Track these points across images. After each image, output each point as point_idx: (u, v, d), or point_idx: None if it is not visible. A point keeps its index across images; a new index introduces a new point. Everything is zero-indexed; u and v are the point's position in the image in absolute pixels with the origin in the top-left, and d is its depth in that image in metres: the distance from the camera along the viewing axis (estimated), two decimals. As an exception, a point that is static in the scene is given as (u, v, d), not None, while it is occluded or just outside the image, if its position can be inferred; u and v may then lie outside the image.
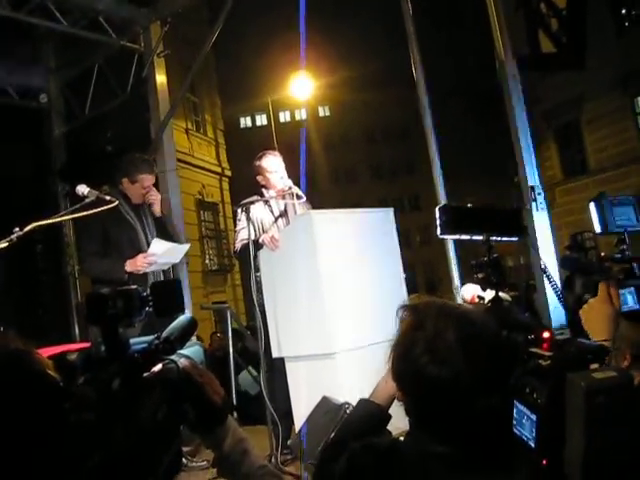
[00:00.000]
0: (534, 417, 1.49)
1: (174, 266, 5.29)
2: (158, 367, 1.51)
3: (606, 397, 1.39)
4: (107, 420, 1.33)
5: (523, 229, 3.68)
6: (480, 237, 3.50)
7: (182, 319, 1.68)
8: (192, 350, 1.71)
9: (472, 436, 1.61)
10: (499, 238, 3.63)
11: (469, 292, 6.35)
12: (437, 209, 3.55)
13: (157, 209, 5.15)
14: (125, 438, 1.31)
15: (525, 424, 1.52)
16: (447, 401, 1.62)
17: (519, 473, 1.54)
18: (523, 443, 1.51)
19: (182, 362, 1.54)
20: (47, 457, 1.28)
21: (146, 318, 1.63)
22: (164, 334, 1.61)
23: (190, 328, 1.67)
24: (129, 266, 4.80)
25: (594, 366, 1.55)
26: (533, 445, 1.48)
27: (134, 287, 1.59)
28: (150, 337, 1.59)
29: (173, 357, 1.55)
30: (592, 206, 2.91)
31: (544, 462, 1.46)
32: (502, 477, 1.56)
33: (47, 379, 1.37)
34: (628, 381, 1.46)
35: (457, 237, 3.61)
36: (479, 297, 3.76)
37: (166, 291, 1.69)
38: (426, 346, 1.64)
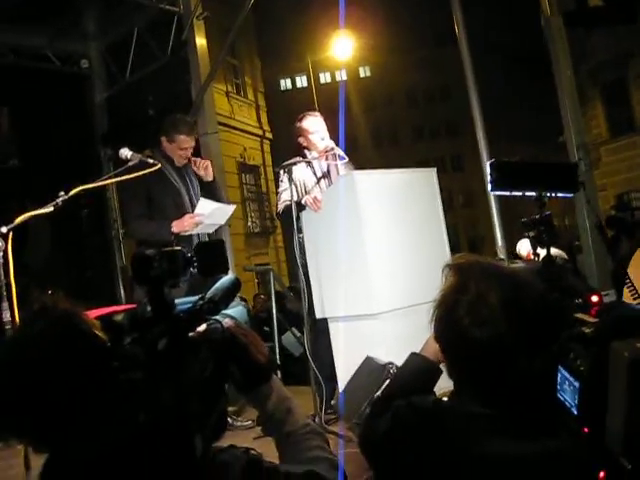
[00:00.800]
0: (577, 384, 1.47)
1: (217, 229, 5.31)
2: (203, 327, 1.52)
3: None
4: (155, 379, 1.35)
5: (578, 184, 3.59)
6: (533, 193, 3.43)
7: (225, 279, 1.69)
8: (236, 310, 1.72)
9: (514, 399, 1.60)
10: (553, 194, 3.55)
11: (525, 248, 6.28)
12: (488, 164, 3.49)
13: (209, 173, 5.16)
14: (173, 396, 1.33)
15: (568, 390, 1.50)
16: (488, 363, 1.61)
17: (561, 439, 1.53)
18: (566, 409, 1.50)
19: (226, 322, 1.54)
20: (97, 414, 1.30)
21: (191, 278, 1.63)
22: (208, 294, 1.61)
23: (234, 288, 1.67)
24: (176, 227, 4.83)
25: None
26: (575, 412, 1.47)
27: (178, 248, 1.59)
28: (195, 297, 1.59)
29: (217, 317, 1.56)
30: None
31: (585, 430, 1.44)
32: (544, 442, 1.55)
33: (95, 339, 1.39)
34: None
35: (509, 193, 3.54)
36: (535, 254, 3.70)
37: (210, 251, 1.68)
38: (468, 308, 1.63)
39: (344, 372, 4.61)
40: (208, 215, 4.90)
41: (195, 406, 1.38)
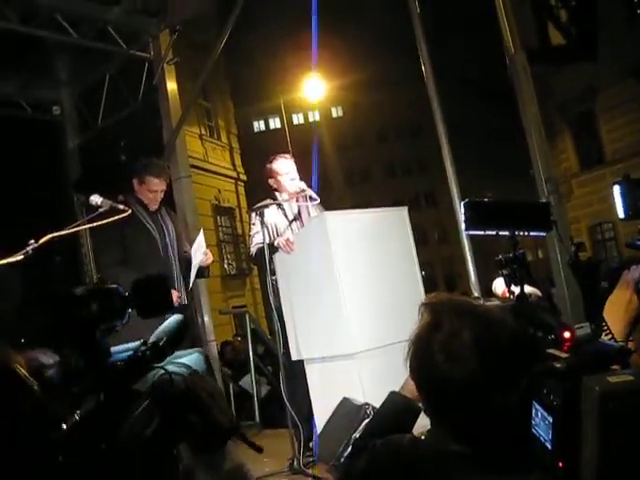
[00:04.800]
0: (550, 419, 1.47)
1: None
2: (148, 377, 1.37)
3: (621, 402, 1.36)
4: (80, 440, 1.19)
5: (551, 223, 3.63)
6: (507, 232, 3.47)
7: (171, 321, 1.52)
8: (192, 358, 1.52)
9: (489, 435, 1.60)
10: (526, 233, 3.59)
11: (500, 287, 6.31)
12: (462, 204, 3.51)
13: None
14: (103, 458, 1.17)
15: (542, 425, 1.50)
16: (462, 400, 1.61)
17: (536, 474, 1.52)
18: (540, 444, 1.50)
19: (180, 372, 1.40)
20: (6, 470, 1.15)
21: (129, 321, 1.45)
22: (152, 339, 1.44)
23: (181, 330, 1.49)
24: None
25: (616, 367, 1.52)
26: (549, 447, 1.47)
27: (113, 285, 1.41)
28: (136, 343, 1.43)
29: (169, 367, 1.40)
30: (616, 189, 2.75)
31: (560, 464, 1.44)
32: (519, 478, 1.55)
33: (15, 375, 1.22)
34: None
35: (483, 233, 3.57)
36: (510, 292, 3.73)
37: (151, 288, 1.47)
38: (442, 345, 1.64)
39: (322, 413, 4.58)
40: (196, 251, 4.93)
41: (132, 467, 1.21)
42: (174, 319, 1.52)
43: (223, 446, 1.45)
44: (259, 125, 47.42)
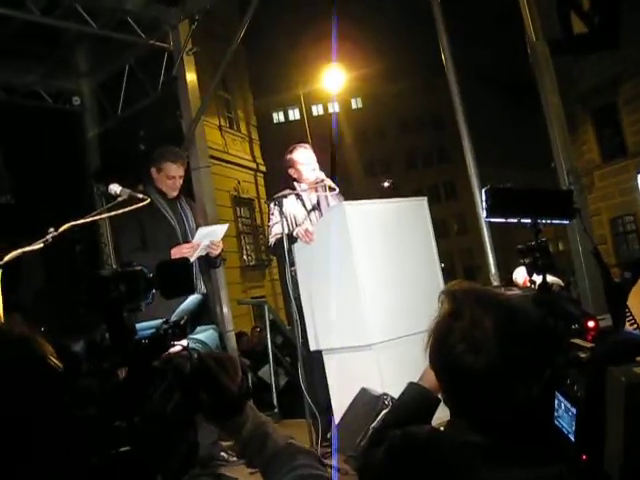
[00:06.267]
0: (574, 410, 1.44)
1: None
2: (169, 354, 1.41)
3: None
4: (110, 415, 1.24)
5: (574, 211, 3.58)
6: (528, 220, 3.42)
7: (191, 300, 1.58)
8: (206, 334, 1.60)
9: (510, 426, 1.58)
10: (548, 221, 3.55)
11: (521, 276, 6.29)
12: (484, 191, 3.47)
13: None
14: (130, 434, 1.22)
15: (565, 416, 1.48)
16: (483, 391, 1.59)
17: (559, 466, 1.50)
18: (563, 436, 1.47)
19: (196, 348, 1.46)
20: (43, 455, 1.19)
21: (153, 301, 1.49)
22: (173, 317, 1.50)
23: (200, 309, 1.57)
24: (174, 255, 4.78)
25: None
26: (573, 439, 1.44)
27: (139, 267, 1.45)
28: (158, 321, 1.48)
29: (185, 342, 1.46)
30: None
31: (583, 457, 1.41)
32: (541, 470, 1.52)
33: (49, 368, 1.26)
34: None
35: (504, 220, 3.53)
36: (531, 281, 3.69)
37: (173, 271, 1.54)
38: (462, 335, 1.62)
39: (339, 404, 4.57)
40: (204, 237, 4.89)
41: (157, 441, 1.27)
42: (193, 299, 1.59)
43: (241, 412, 1.49)
44: (278, 116, 47.45)
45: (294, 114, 45.93)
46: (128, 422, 1.23)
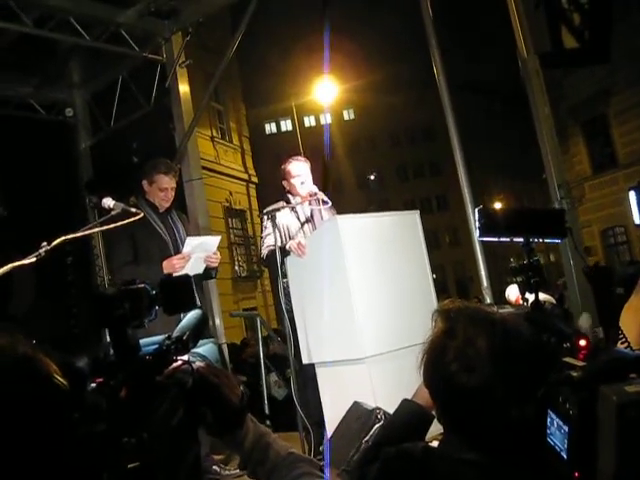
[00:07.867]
0: (566, 428, 1.45)
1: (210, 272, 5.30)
2: (171, 369, 1.44)
3: (638, 411, 1.34)
4: (118, 431, 1.25)
5: (566, 230, 3.61)
6: (521, 239, 3.45)
7: (192, 316, 1.61)
8: (206, 348, 1.63)
9: (503, 444, 1.58)
10: (540, 240, 3.58)
11: (513, 293, 6.32)
12: (476, 211, 3.50)
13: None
14: (139, 448, 1.24)
15: (557, 434, 1.48)
16: (476, 409, 1.60)
17: None
18: (555, 453, 1.48)
19: (196, 362, 1.48)
20: (56, 473, 1.19)
21: (156, 317, 1.52)
22: (175, 333, 1.53)
23: (201, 324, 1.59)
24: (166, 268, 4.78)
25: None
26: (565, 456, 1.45)
27: (142, 285, 1.47)
28: (161, 337, 1.51)
29: (187, 357, 1.48)
30: (632, 195, 2.69)
31: (576, 475, 1.42)
32: None
33: (54, 386, 1.26)
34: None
35: (497, 239, 3.56)
36: (523, 299, 3.72)
37: (176, 288, 1.56)
38: (456, 354, 1.63)
39: (332, 417, 4.56)
40: (195, 248, 4.88)
41: (163, 456, 1.29)
42: (195, 313, 1.61)
43: (241, 424, 1.53)
44: (271, 127, 47.47)
45: (286, 125, 45.95)
46: (137, 438, 1.25)
